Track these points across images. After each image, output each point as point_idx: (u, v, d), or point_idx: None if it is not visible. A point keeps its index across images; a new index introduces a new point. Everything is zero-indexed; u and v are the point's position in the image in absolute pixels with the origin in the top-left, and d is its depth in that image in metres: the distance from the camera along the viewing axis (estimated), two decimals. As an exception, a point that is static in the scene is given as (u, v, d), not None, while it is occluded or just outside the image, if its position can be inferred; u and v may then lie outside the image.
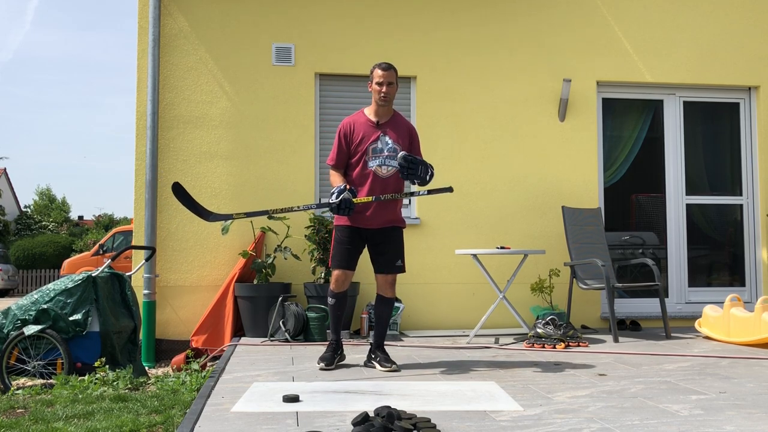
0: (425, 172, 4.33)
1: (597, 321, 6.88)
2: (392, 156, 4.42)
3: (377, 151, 4.42)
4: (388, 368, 4.34)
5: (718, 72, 7.23)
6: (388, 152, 4.42)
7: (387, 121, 4.49)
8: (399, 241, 4.54)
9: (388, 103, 4.46)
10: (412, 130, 4.58)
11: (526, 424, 2.92)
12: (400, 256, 4.51)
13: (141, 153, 6.46)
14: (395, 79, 4.45)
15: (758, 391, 3.61)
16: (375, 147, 4.42)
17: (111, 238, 19.19)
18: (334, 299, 4.49)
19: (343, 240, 4.45)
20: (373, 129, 4.45)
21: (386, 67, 4.43)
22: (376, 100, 4.45)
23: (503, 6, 6.99)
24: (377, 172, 4.41)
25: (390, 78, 4.41)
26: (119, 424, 3.44)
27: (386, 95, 4.41)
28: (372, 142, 4.42)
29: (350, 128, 4.46)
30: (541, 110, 6.96)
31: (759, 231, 7.26)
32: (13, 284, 23.61)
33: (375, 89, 4.43)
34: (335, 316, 4.54)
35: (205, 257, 6.51)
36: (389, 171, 4.42)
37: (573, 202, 6.90)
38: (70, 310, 5.24)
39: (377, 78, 4.42)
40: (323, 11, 6.78)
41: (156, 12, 6.48)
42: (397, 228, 4.54)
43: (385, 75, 4.40)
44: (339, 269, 4.44)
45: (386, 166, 4.41)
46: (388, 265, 4.48)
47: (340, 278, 4.45)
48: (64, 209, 35.44)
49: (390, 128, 4.47)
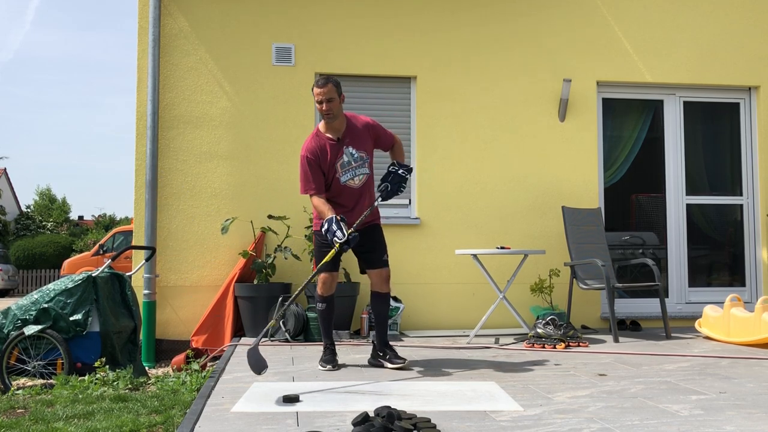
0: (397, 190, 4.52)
1: (597, 321, 6.88)
2: (361, 165, 4.45)
3: (345, 165, 4.43)
4: (400, 365, 4.38)
5: (718, 72, 7.23)
6: (356, 162, 4.44)
7: (345, 133, 4.46)
8: (380, 238, 4.58)
9: (334, 118, 4.41)
10: (371, 126, 4.52)
11: (526, 424, 2.92)
12: (385, 251, 4.56)
13: (141, 153, 6.46)
14: (335, 93, 4.37)
15: (758, 391, 3.61)
16: (342, 162, 4.43)
17: (111, 238, 19.20)
18: (324, 303, 4.50)
19: (325, 243, 4.42)
20: (335, 146, 4.43)
21: (322, 83, 4.36)
22: (322, 117, 4.43)
23: (503, 6, 6.99)
24: (350, 184, 4.45)
25: (328, 94, 4.34)
26: (119, 424, 3.44)
27: (329, 111, 4.36)
28: (338, 158, 4.42)
29: (318, 153, 4.41)
30: (541, 110, 6.96)
31: (759, 231, 7.26)
32: (13, 284, 23.62)
33: (317, 108, 4.42)
34: (327, 320, 4.55)
35: (205, 257, 6.52)
36: (361, 180, 4.48)
37: (573, 202, 6.90)
38: (70, 310, 5.24)
39: (316, 96, 4.37)
40: (323, 11, 6.78)
41: (156, 12, 6.48)
42: (375, 225, 4.59)
43: (321, 92, 4.34)
44: (325, 272, 4.46)
45: (358, 176, 4.46)
46: (378, 261, 4.51)
47: (327, 281, 4.47)
48: (64, 209, 35.43)
49: (350, 138, 4.45)
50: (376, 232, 4.57)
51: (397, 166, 4.51)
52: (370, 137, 4.51)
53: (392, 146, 4.62)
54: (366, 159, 4.47)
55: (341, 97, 4.43)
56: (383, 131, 4.59)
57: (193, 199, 6.53)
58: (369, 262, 4.54)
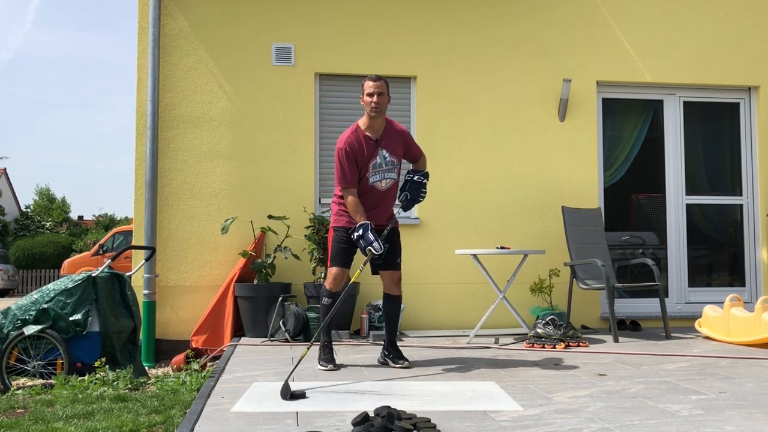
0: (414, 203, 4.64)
1: (597, 321, 6.88)
2: (390, 169, 4.51)
3: (377, 166, 4.48)
4: (401, 365, 4.46)
5: (718, 72, 7.23)
6: (387, 166, 4.50)
7: (383, 134, 4.52)
8: (398, 240, 4.64)
9: (381, 114, 4.46)
10: (405, 134, 4.63)
11: (526, 424, 2.92)
12: (399, 254, 4.62)
13: (141, 153, 6.46)
14: (386, 90, 4.47)
15: (758, 391, 3.61)
16: (375, 162, 4.48)
17: (111, 238, 19.19)
18: (331, 299, 4.51)
19: (343, 239, 4.52)
20: (373, 145, 4.49)
21: (376, 78, 4.46)
22: (368, 112, 4.46)
23: (503, 7, 6.99)
24: (377, 186, 4.50)
25: (381, 88, 4.43)
26: (119, 424, 3.44)
27: (378, 105, 4.41)
28: (372, 158, 4.47)
29: (356, 147, 4.46)
30: (541, 110, 6.96)
31: (759, 231, 7.26)
32: (13, 284, 23.61)
33: (366, 101, 4.45)
34: (330, 316, 4.55)
35: (205, 257, 6.52)
36: (388, 183, 4.53)
37: (573, 202, 6.90)
38: (70, 310, 5.24)
39: (368, 89, 4.43)
40: (323, 11, 6.78)
41: (156, 12, 6.48)
42: (393, 228, 4.62)
43: (375, 85, 4.42)
44: (338, 267, 4.51)
45: (385, 180, 4.51)
46: (392, 263, 4.56)
47: (338, 276, 4.51)
48: (64, 209, 35.43)
49: (386, 141, 4.51)
50: (394, 235, 4.62)
51: (413, 173, 4.59)
52: (403, 145, 4.59)
53: (418, 159, 4.71)
54: (396, 165, 4.54)
55: (389, 97, 4.52)
56: (414, 142, 4.68)
57: (193, 199, 6.53)
58: (384, 264, 4.56)
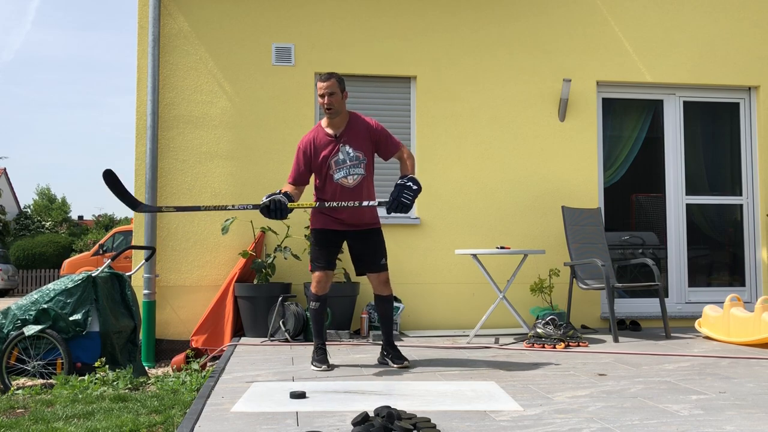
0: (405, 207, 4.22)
1: (597, 321, 6.88)
2: (356, 164, 4.42)
3: (340, 163, 4.42)
4: (400, 365, 4.45)
5: (718, 72, 7.23)
6: (351, 162, 4.42)
7: (344, 131, 4.45)
8: (379, 241, 4.58)
9: (336, 113, 4.41)
10: (371, 129, 4.47)
11: (526, 424, 2.92)
12: (383, 255, 4.56)
13: (141, 153, 6.46)
14: (337, 88, 4.39)
15: (758, 391, 3.61)
16: (336, 159, 4.42)
17: (111, 238, 19.20)
18: (318, 302, 4.51)
19: (320, 241, 4.50)
20: (331, 142, 4.44)
21: (326, 77, 4.39)
22: (324, 112, 4.43)
23: (503, 7, 6.99)
24: (343, 183, 4.43)
25: (330, 88, 4.36)
26: (119, 424, 3.44)
27: (329, 105, 4.37)
28: (333, 155, 4.42)
29: (310, 146, 4.45)
30: (541, 110, 6.96)
31: (759, 231, 7.26)
32: (13, 284, 23.61)
33: (319, 101, 4.44)
34: (319, 320, 4.55)
35: (205, 257, 6.51)
36: (356, 180, 4.44)
37: (573, 202, 6.90)
38: (70, 310, 5.24)
39: (319, 90, 4.39)
40: (323, 11, 6.78)
41: (156, 12, 6.48)
42: (373, 229, 4.58)
43: (324, 86, 4.36)
44: (320, 270, 4.49)
45: (352, 176, 4.43)
46: (374, 265, 4.53)
47: (322, 279, 4.49)
48: (64, 209, 35.43)
49: (348, 136, 4.44)
50: (375, 235, 4.58)
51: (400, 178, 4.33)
52: (371, 140, 4.47)
53: (397, 156, 4.53)
54: (363, 160, 4.44)
55: (344, 93, 4.44)
56: (387, 137, 4.51)
57: (193, 199, 6.53)
58: (367, 266, 4.56)
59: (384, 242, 4.62)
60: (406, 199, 4.18)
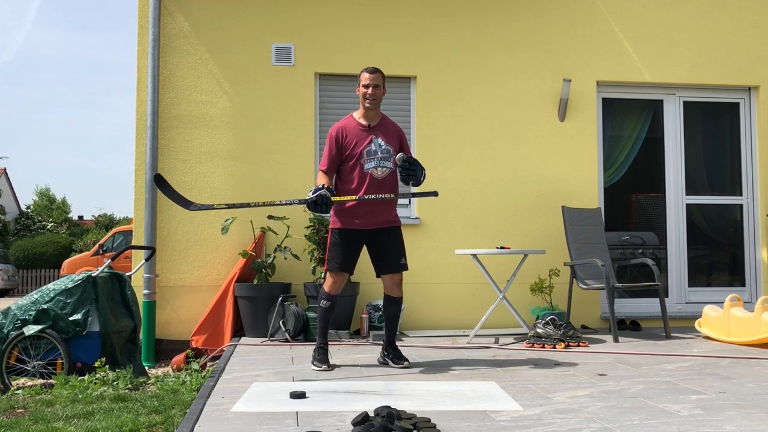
0: (421, 173, 4.47)
1: (597, 321, 6.88)
2: (386, 157, 4.50)
3: (371, 154, 4.48)
4: (400, 365, 4.46)
5: (717, 72, 7.23)
6: (382, 154, 4.50)
7: (377, 124, 4.56)
8: (399, 240, 4.59)
9: (376, 105, 4.53)
10: (400, 131, 4.66)
11: (526, 424, 2.92)
12: (402, 255, 4.58)
13: (141, 153, 6.46)
14: (382, 82, 4.53)
15: (758, 391, 3.61)
16: (369, 150, 4.48)
17: (111, 238, 19.19)
18: (329, 302, 4.50)
19: (339, 242, 4.50)
20: (364, 133, 4.51)
21: (373, 70, 4.52)
22: (363, 103, 4.53)
23: (503, 7, 6.99)
24: (373, 174, 4.47)
25: (376, 81, 4.49)
26: (119, 424, 3.44)
27: (373, 97, 4.49)
28: (366, 145, 4.48)
29: (342, 134, 4.51)
30: (541, 110, 6.96)
31: (759, 231, 7.26)
32: (13, 284, 23.61)
33: (362, 92, 4.52)
34: (327, 319, 4.54)
35: (205, 257, 6.52)
36: (384, 172, 4.49)
37: (573, 202, 6.90)
38: (70, 310, 5.24)
39: (364, 80, 4.51)
40: (323, 11, 6.78)
41: (156, 12, 6.48)
42: (394, 227, 4.59)
43: (371, 78, 4.49)
44: (338, 272, 4.48)
45: (381, 168, 4.48)
46: (393, 265, 4.53)
47: (338, 281, 4.49)
48: (64, 209, 35.43)
49: (380, 131, 4.54)
50: (394, 234, 4.58)
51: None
52: (398, 139, 4.62)
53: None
54: (392, 154, 4.53)
55: (384, 89, 4.58)
56: (407, 144, 4.72)
57: (193, 199, 6.53)
58: (385, 264, 4.54)
59: (403, 241, 4.62)
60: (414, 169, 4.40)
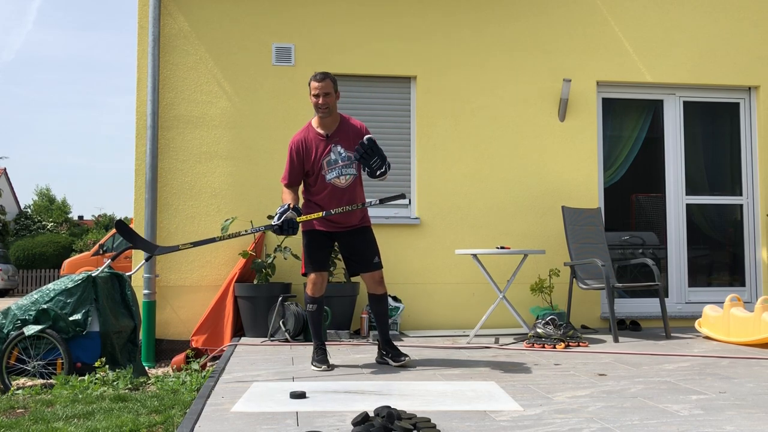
0: (378, 163, 4.27)
1: (597, 321, 6.88)
2: (347, 164, 4.44)
3: (332, 163, 4.43)
4: (401, 362, 4.45)
5: (717, 72, 7.23)
6: (343, 162, 4.44)
7: (335, 131, 4.48)
8: (371, 239, 4.58)
9: (329, 113, 4.44)
10: (362, 131, 4.51)
11: (526, 424, 2.92)
12: (375, 254, 4.56)
13: (141, 153, 6.46)
14: (332, 89, 4.41)
15: (758, 391, 3.61)
16: (329, 159, 4.43)
17: (111, 238, 19.18)
18: (315, 305, 4.51)
19: (313, 244, 4.50)
20: (323, 142, 4.45)
21: (321, 78, 4.39)
22: (316, 112, 4.45)
23: (503, 7, 6.99)
24: (336, 183, 4.44)
25: (325, 89, 4.37)
26: (119, 424, 3.44)
27: (325, 106, 4.39)
28: (325, 155, 4.43)
29: (302, 146, 4.46)
30: (541, 110, 6.96)
31: (759, 231, 7.26)
32: (13, 284, 23.61)
33: (312, 101, 4.43)
34: (317, 322, 4.55)
35: (205, 257, 6.51)
36: (348, 180, 4.46)
37: (573, 202, 6.90)
38: (70, 310, 5.24)
39: (313, 90, 4.40)
40: (323, 11, 6.78)
41: (156, 12, 6.48)
42: (365, 227, 4.58)
43: (319, 86, 4.37)
44: (315, 272, 4.49)
45: (344, 176, 4.44)
46: (367, 264, 4.53)
47: (317, 281, 4.50)
48: (64, 209, 35.42)
49: (340, 137, 4.47)
50: (366, 234, 4.57)
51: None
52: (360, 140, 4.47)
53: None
54: (354, 160, 4.45)
55: (337, 94, 4.47)
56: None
57: (193, 199, 6.53)
58: (360, 265, 4.55)
59: (375, 240, 4.59)
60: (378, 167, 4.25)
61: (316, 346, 4.52)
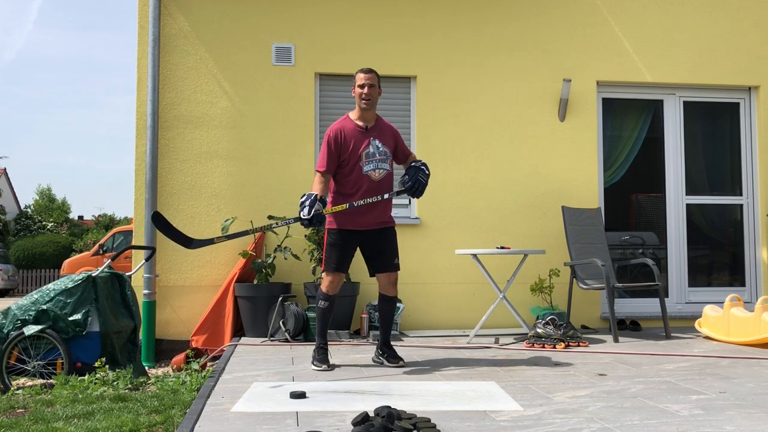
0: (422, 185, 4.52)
1: (597, 321, 6.88)
2: (384, 159, 4.51)
3: (370, 156, 4.48)
4: (395, 364, 4.47)
5: (717, 72, 7.23)
6: (380, 156, 4.50)
7: (373, 126, 4.57)
8: (393, 240, 4.62)
9: (372, 106, 4.52)
10: (396, 132, 4.69)
11: (526, 424, 2.92)
12: (396, 255, 4.60)
13: (141, 153, 6.46)
14: (377, 82, 4.53)
15: (758, 391, 3.61)
16: (368, 152, 4.49)
17: (111, 238, 19.18)
18: (328, 302, 4.51)
19: (337, 243, 4.50)
20: (362, 134, 4.51)
21: (368, 70, 4.52)
22: (359, 103, 4.52)
23: (503, 7, 6.99)
24: (371, 176, 4.48)
25: (372, 80, 4.49)
26: (119, 424, 3.44)
27: (368, 97, 4.47)
28: (364, 147, 4.48)
29: (340, 135, 4.49)
30: (541, 110, 6.96)
31: (759, 231, 7.26)
32: (13, 284, 23.60)
33: (358, 92, 4.50)
34: (325, 319, 4.55)
35: (205, 257, 6.51)
36: (382, 174, 4.51)
37: (573, 202, 6.90)
38: (70, 310, 5.24)
39: (359, 80, 4.49)
40: (323, 11, 6.78)
41: (156, 12, 6.48)
42: (389, 227, 4.60)
43: (366, 77, 4.48)
44: (335, 272, 4.50)
45: (379, 170, 4.49)
46: (388, 264, 4.55)
47: (335, 281, 4.50)
48: (64, 209, 35.43)
49: (377, 132, 4.55)
50: (389, 234, 4.59)
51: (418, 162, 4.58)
52: (394, 140, 4.63)
53: (409, 160, 4.70)
54: (389, 156, 4.55)
55: (380, 89, 4.57)
56: (403, 142, 4.72)
57: (193, 199, 6.53)
58: (379, 264, 4.56)
59: (396, 241, 4.64)
60: (423, 178, 4.47)
61: (318, 346, 4.52)
